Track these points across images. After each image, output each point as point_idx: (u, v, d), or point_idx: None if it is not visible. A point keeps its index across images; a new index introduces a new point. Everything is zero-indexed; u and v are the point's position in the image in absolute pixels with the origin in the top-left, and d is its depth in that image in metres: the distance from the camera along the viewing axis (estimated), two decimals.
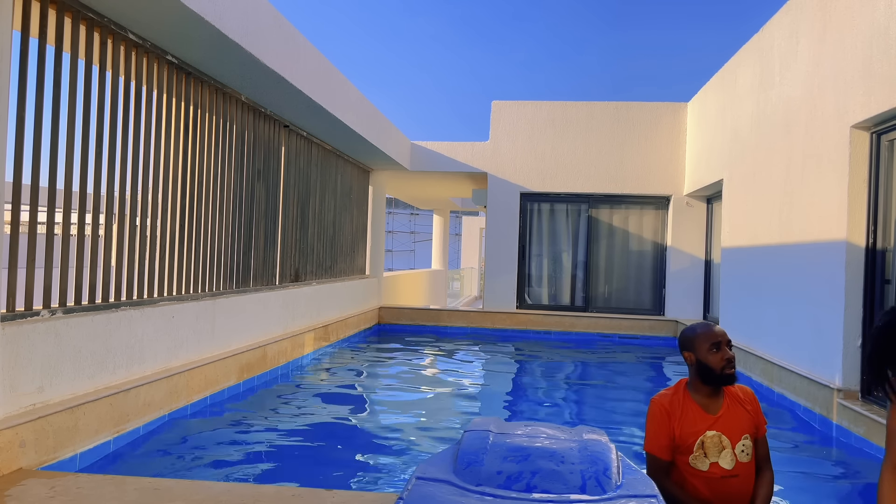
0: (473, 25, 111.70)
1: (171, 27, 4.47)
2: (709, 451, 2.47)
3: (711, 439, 2.48)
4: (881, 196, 4.98)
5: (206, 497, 2.88)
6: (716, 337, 2.54)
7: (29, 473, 3.19)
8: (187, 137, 5.36)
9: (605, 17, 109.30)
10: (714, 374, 2.51)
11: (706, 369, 2.53)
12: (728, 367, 2.50)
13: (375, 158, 10.12)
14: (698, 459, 2.48)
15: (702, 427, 2.50)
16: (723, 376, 2.51)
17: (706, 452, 2.48)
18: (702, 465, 2.48)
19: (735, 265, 7.98)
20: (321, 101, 6.69)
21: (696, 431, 2.50)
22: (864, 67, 4.95)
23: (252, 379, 6.11)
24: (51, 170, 3.88)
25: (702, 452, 2.48)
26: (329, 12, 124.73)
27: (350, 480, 3.86)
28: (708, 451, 2.47)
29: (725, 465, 2.46)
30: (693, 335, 2.60)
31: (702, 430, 2.49)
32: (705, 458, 2.48)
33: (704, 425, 2.50)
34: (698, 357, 2.55)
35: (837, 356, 5.22)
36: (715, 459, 2.47)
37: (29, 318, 3.67)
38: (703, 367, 2.53)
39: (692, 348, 2.58)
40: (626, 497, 2.04)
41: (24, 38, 3.70)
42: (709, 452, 2.47)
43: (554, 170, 11.04)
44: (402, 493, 2.07)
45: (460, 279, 24.03)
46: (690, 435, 2.50)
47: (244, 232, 6.46)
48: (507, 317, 10.82)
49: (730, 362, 2.51)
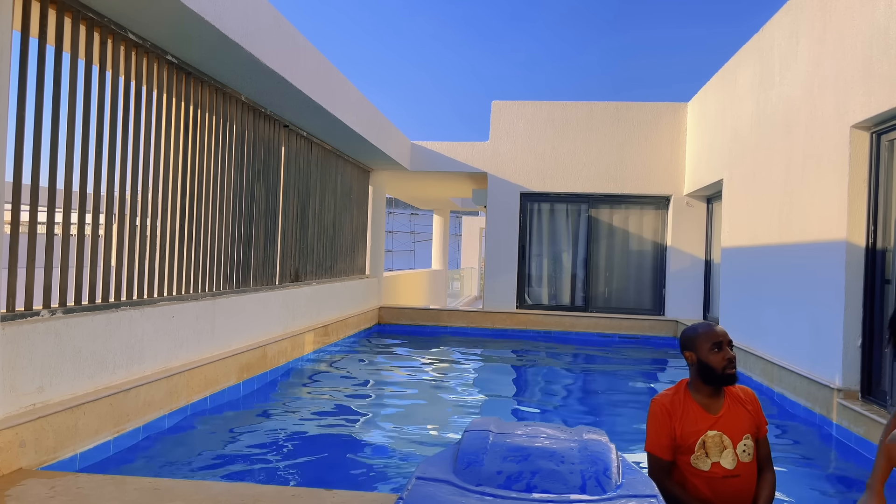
0: (474, 25, 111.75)
1: (171, 27, 4.47)
2: (710, 450, 2.47)
3: (713, 439, 2.48)
4: (881, 196, 4.98)
5: (206, 497, 2.88)
6: (717, 337, 2.53)
7: (29, 473, 3.19)
8: (187, 137, 5.36)
9: (605, 16, 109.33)
10: (715, 374, 2.51)
11: (707, 369, 2.52)
12: (729, 366, 2.50)
13: (375, 158, 10.12)
14: (700, 459, 2.48)
15: (703, 427, 2.50)
16: (724, 376, 2.50)
17: (707, 452, 2.47)
18: (703, 465, 2.48)
19: (735, 265, 7.98)
20: (321, 101, 6.69)
21: (697, 431, 2.50)
22: (864, 67, 4.95)
23: (252, 379, 6.11)
24: (51, 170, 3.88)
25: (703, 452, 2.48)
26: (330, 12, 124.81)
27: (350, 480, 3.86)
28: (709, 451, 2.47)
29: (727, 464, 2.46)
30: (694, 335, 2.60)
31: (703, 430, 2.49)
32: (707, 458, 2.47)
33: (706, 425, 2.50)
34: (699, 357, 2.55)
35: (837, 356, 5.22)
36: (716, 459, 2.46)
37: (29, 318, 3.67)
38: (705, 367, 2.53)
39: (693, 348, 2.58)
40: (626, 497, 2.04)
41: (24, 38, 3.70)
42: (710, 452, 2.47)
43: (554, 170, 11.04)
44: (402, 493, 2.07)
45: (460, 279, 24.04)
46: (691, 435, 2.50)
47: (244, 232, 6.46)
48: (507, 317, 10.82)
49: (731, 362, 2.51)
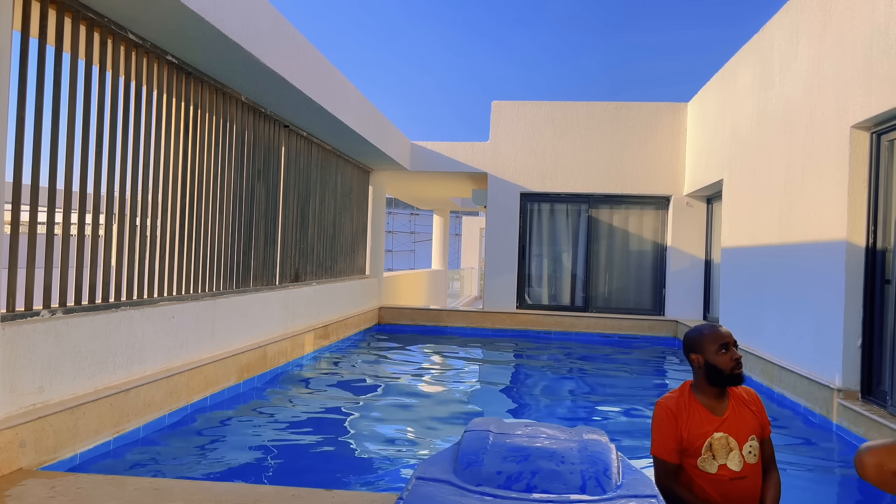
0: (475, 28, 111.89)
1: (171, 27, 4.47)
2: (717, 452, 2.46)
3: (719, 441, 2.47)
4: (881, 196, 4.98)
5: (206, 497, 2.88)
6: (724, 338, 2.52)
7: (29, 473, 3.19)
8: (187, 137, 5.36)
9: (606, 19, 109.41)
10: (723, 375, 2.50)
11: (715, 371, 2.51)
12: (737, 367, 2.50)
13: (375, 158, 10.12)
14: (707, 462, 2.47)
15: (709, 429, 2.48)
16: (732, 377, 2.50)
17: (714, 454, 2.46)
18: (710, 467, 2.46)
19: (735, 265, 7.98)
20: (321, 101, 6.69)
21: (703, 433, 2.48)
22: (864, 67, 4.95)
23: (252, 379, 6.11)
24: (51, 170, 3.88)
25: (710, 454, 2.46)
26: (332, 15, 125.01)
27: (350, 480, 3.86)
28: (716, 453, 2.46)
29: (734, 466, 2.44)
30: (700, 337, 2.58)
31: (709, 432, 2.48)
32: (714, 460, 2.46)
33: (712, 427, 2.49)
34: (706, 359, 2.53)
35: (837, 356, 5.22)
36: (723, 461, 2.45)
37: (29, 318, 3.67)
38: (712, 369, 2.52)
39: (700, 350, 2.56)
40: (626, 497, 2.04)
41: (24, 38, 3.70)
42: (717, 454, 2.46)
43: (554, 170, 11.04)
44: (402, 493, 2.07)
45: (460, 279, 24.03)
46: (698, 437, 2.48)
47: (244, 232, 6.46)
48: (507, 317, 10.81)
49: (738, 363, 2.50)
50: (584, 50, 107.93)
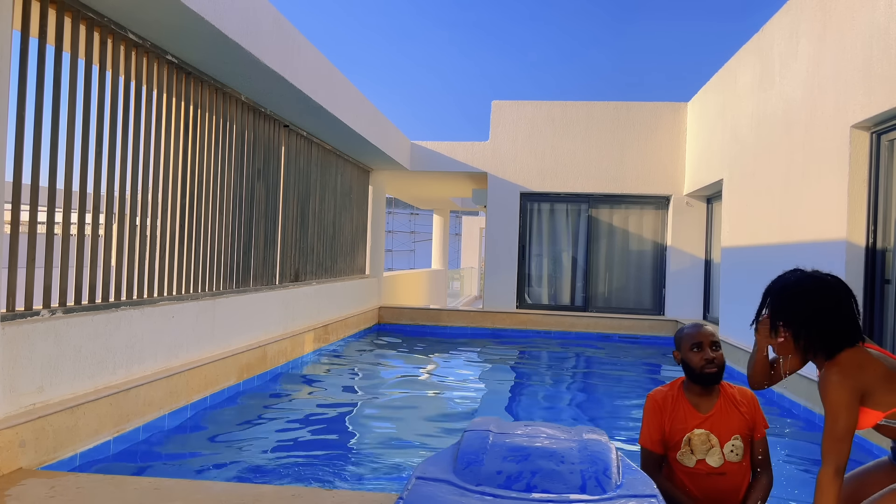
0: (483, 28, 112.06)
1: (171, 27, 4.47)
2: (695, 448, 2.54)
3: (699, 437, 2.54)
4: (881, 196, 4.98)
5: (206, 497, 2.88)
6: (698, 337, 2.61)
7: (29, 473, 3.19)
8: (187, 137, 5.36)
9: (617, 15, 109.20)
10: (694, 372, 2.59)
11: (688, 368, 2.62)
12: (708, 366, 2.56)
13: (375, 158, 10.12)
14: (685, 456, 2.55)
15: (690, 424, 2.57)
16: (702, 375, 2.57)
17: (692, 449, 2.54)
18: (688, 461, 2.54)
19: (735, 265, 7.98)
20: (321, 101, 6.69)
21: (683, 428, 2.57)
22: (864, 67, 4.95)
23: (252, 379, 6.11)
24: (51, 170, 3.88)
25: (688, 449, 2.55)
26: (340, 14, 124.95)
27: (350, 480, 3.86)
28: (694, 449, 2.54)
29: (713, 462, 2.52)
30: (681, 335, 2.71)
31: (689, 428, 2.56)
32: (692, 454, 2.54)
33: (693, 423, 2.57)
34: (682, 356, 2.65)
35: None
36: (702, 457, 2.53)
37: (29, 318, 3.67)
38: (685, 366, 2.63)
39: (679, 347, 2.69)
40: (626, 497, 2.05)
41: (24, 37, 3.70)
42: (695, 450, 2.54)
43: (554, 169, 11.04)
44: (402, 492, 2.07)
45: (460, 279, 24.03)
46: (678, 431, 2.57)
47: (244, 232, 6.46)
48: (507, 316, 10.81)
49: (709, 362, 2.56)
50: (592, 44, 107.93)
